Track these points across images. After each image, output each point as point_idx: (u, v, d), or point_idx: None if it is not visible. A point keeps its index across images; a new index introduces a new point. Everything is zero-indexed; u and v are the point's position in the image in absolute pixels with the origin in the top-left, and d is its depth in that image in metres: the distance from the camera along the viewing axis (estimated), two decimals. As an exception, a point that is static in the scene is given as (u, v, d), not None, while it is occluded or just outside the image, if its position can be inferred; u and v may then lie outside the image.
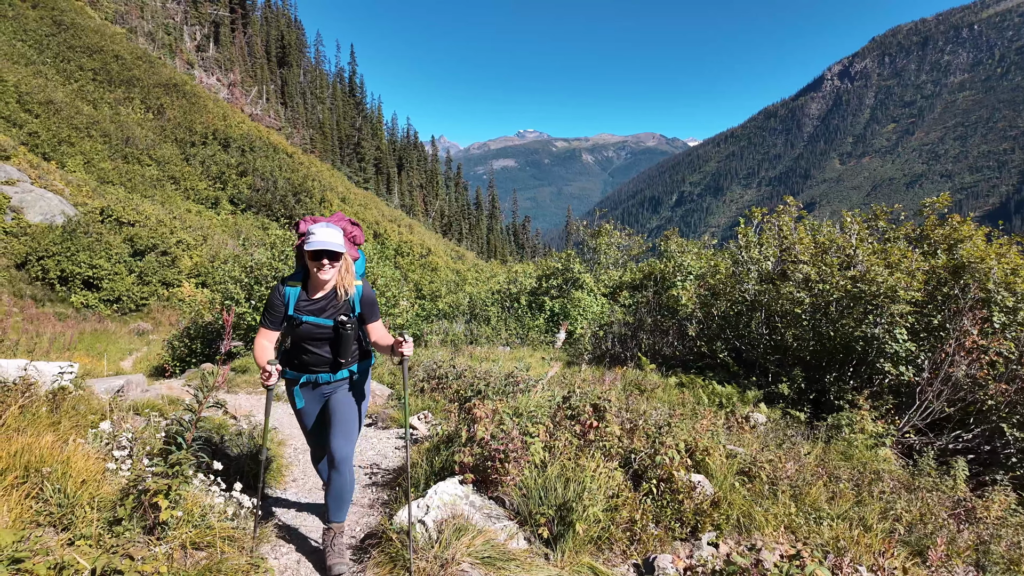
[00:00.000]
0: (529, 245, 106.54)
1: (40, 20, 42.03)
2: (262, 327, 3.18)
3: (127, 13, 57.58)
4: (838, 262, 7.98)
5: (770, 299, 8.41)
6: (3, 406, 3.67)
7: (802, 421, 6.95)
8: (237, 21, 73.36)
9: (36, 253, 19.44)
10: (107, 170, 33.44)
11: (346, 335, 3.16)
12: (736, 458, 4.83)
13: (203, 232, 28.37)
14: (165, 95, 46.06)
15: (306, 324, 3.15)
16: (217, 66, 66.99)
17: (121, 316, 20.08)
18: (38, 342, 12.09)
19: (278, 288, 3.17)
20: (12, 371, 5.30)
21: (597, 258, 17.96)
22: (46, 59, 39.59)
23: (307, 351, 3.22)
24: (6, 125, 29.22)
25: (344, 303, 3.21)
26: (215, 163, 42.70)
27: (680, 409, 5.80)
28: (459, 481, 3.70)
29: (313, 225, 3.07)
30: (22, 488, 2.83)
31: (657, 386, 7.72)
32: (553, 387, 6.33)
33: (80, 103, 37.38)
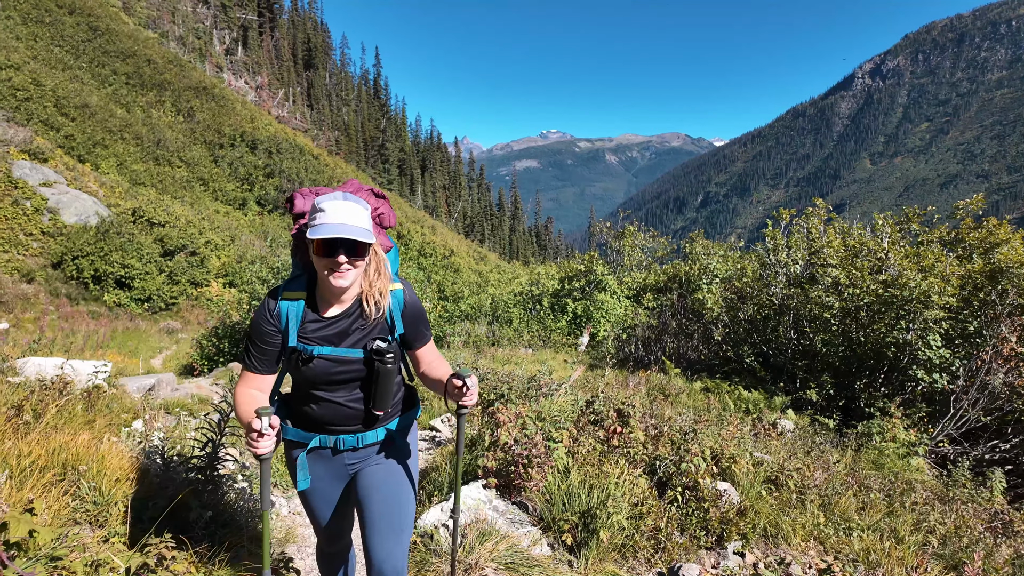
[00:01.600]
0: (551, 246, 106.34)
1: (77, 26, 43.19)
2: (245, 371, 2.05)
3: (159, 18, 58.90)
4: (869, 266, 7.82)
5: (798, 303, 8.27)
6: (42, 405, 3.77)
7: (831, 428, 6.81)
8: (265, 25, 74.61)
9: (71, 253, 19.97)
10: (139, 172, 34.24)
11: (385, 371, 2.01)
12: (763, 466, 4.76)
13: (231, 232, 28.88)
14: (195, 98, 47.00)
15: (320, 359, 2.00)
16: (245, 69, 68.17)
17: (151, 315, 20.53)
18: (73, 340, 12.41)
19: (266, 306, 2.01)
20: (50, 369, 5.47)
21: (620, 260, 17.84)
22: (82, 64, 40.69)
23: (321, 400, 2.07)
24: (44, 128, 30.09)
25: (377, 321, 2.07)
26: (243, 165, 43.44)
27: (706, 415, 5.74)
28: (483, 485, 3.70)
29: (320, 198, 1.91)
30: (59, 485, 2.90)
31: (682, 391, 7.64)
32: (576, 391, 6.31)
33: (114, 106, 38.34)
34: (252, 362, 2.03)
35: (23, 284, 18.18)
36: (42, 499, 2.62)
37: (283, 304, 2.01)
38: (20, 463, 2.86)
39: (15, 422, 3.42)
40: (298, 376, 2.05)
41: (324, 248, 1.88)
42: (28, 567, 1.93)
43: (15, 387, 4.35)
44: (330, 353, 2.01)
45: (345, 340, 2.03)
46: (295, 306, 2.01)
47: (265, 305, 2.02)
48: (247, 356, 2.03)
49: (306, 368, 2.00)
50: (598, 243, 20.69)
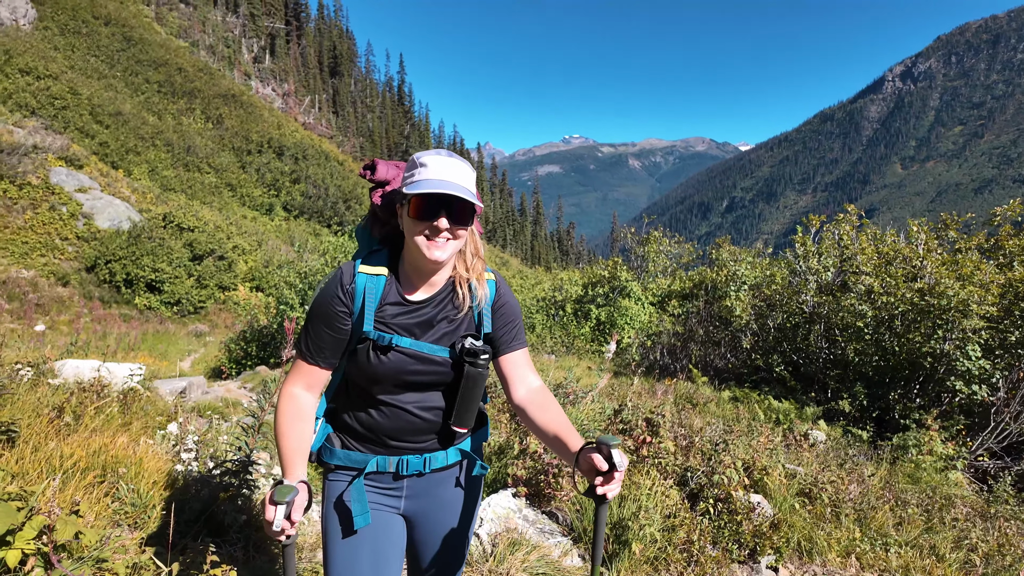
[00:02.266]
0: (574, 251, 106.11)
1: (111, 36, 44.43)
2: (299, 362, 1.66)
3: (190, 28, 60.31)
4: (903, 273, 7.64)
5: (830, 311, 8.12)
6: (81, 407, 3.85)
7: (864, 440, 6.66)
8: (292, 33, 75.94)
9: (104, 257, 20.48)
10: (169, 177, 35.02)
11: (476, 376, 1.64)
12: (796, 478, 4.67)
13: (258, 237, 29.37)
14: (224, 105, 47.98)
15: (396, 352, 1.61)
16: (272, 77, 69.40)
17: (180, 318, 20.94)
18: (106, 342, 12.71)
19: (339, 280, 1.62)
20: (87, 371, 5.60)
21: (645, 266, 17.71)
22: (116, 73, 41.82)
23: (383, 406, 1.65)
24: (80, 136, 30.96)
25: (468, 314, 1.70)
26: (270, 171, 44.18)
27: (736, 425, 5.65)
28: (512, 494, 3.69)
29: (421, 153, 1.59)
30: (100, 487, 2.96)
31: (710, 400, 7.54)
32: (603, 399, 6.26)
33: (146, 114, 39.32)
34: (310, 350, 1.62)
35: (59, 287, 18.68)
36: (85, 500, 2.67)
37: (360, 278, 1.61)
38: (63, 464, 2.93)
39: (56, 424, 3.50)
40: (361, 372, 1.62)
41: (423, 208, 1.51)
42: (76, 569, 1.97)
43: (55, 389, 4.45)
44: (409, 346, 1.60)
45: (428, 333, 1.63)
46: (375, 282, 1.62)
47: (338, 278, 1.61)
48: (304, 342, 1.63)
49: (380, 363, 1.59)
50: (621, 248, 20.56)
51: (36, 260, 19.23)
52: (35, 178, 21.30)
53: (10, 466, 2.79)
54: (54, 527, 1.97)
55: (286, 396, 1.63)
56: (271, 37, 72.38)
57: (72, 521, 2.05)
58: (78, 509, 2.16)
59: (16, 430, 2.94)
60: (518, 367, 1.74)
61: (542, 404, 1.69)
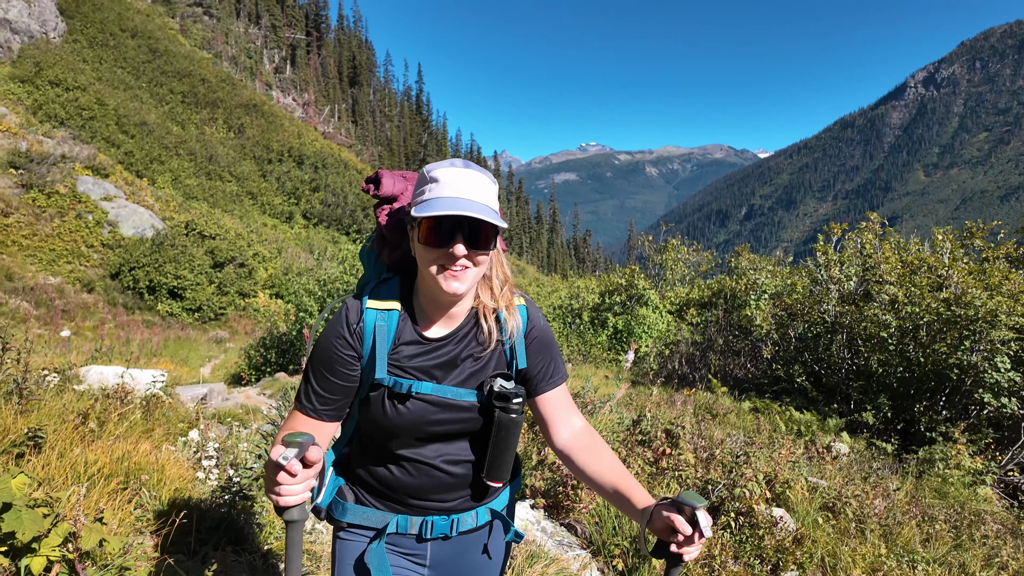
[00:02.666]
0: (590, 259, 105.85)
1: (138, 48, 45.39)
2: (296, 414, 1.40)
3: (213, 39, 61.44)
4: (928, 283, 7.50)
5: (852, 321, 7.99)
6: (105, 413, 3.91)
7: (889, 453, 6.53)
8: (312, 44, 77.05)
9: (128, 264, 20.85)
10: (192, 186, 35.61)
11: (509, 424, 1.38)
12: (819, 491, 4.59)
13: (278, 245, 29.72)
14: (245, 115, 48.73)
15: (417, 400, 1.37)
16: (293, 86, 70.41)
17: (201, 324, 21.22)
18: (129, 348, 12.91)
19: (345, 317, 1.39)
20: (111, 377, 5.69)
21: (663, 274, 17.60)
22: (142, 84, 42.72)
23: (404, 461, 1.43)
24: (106, 146, 31.63)
25: (498, 349, 1.45)
26: (290, 179, 44.73)
27: (756, 437, 5.57)
28: (531, 505, 3.66)
29: (432, 165, 1.33)
30: (123, 494, 2.99)
31: (730, 411, 7.44)
32: (621, 409, 6.21)
33: (170, 124, 40.08)
34: (311, 402, 1.36)
35: (84, 294, 19.04)
36: (109, 508, 2.70)
37: (370, 316, 1.36)
38: (88, 471, 2.97)
39: (82, 430, 3.55)
40: (375, 426, 1.39)
41: (436, 233, 1.26)
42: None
43: (80, 395, 4.53)
44: (431, 393, 1.35)
45: (452, 374, 1.39)
46: (387, 319, 1.37)
47: (343, 317, 1.37)
48: (305, 392, 1.37)
49: (395, 412, 1.35)
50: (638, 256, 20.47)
51: (63, 267, 19.65)
52: (63, 187, 21.79)
53: (37, 472, 2.83)
54: (79, 534, 1.99)
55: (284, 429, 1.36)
56: (292, 48, 73.49)
57: (96, 528, 2.07)
58: (102, 516, 2.18)
59: (43, 436, 2.99)
60: (558, 407, 1.51)
61: (592, 450, 1.47)
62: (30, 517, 1.84)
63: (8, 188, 20.47)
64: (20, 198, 20.48)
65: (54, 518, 2.05)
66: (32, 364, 4.83)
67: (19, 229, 19.50)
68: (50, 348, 8.57)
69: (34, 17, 35.68)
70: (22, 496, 1.88)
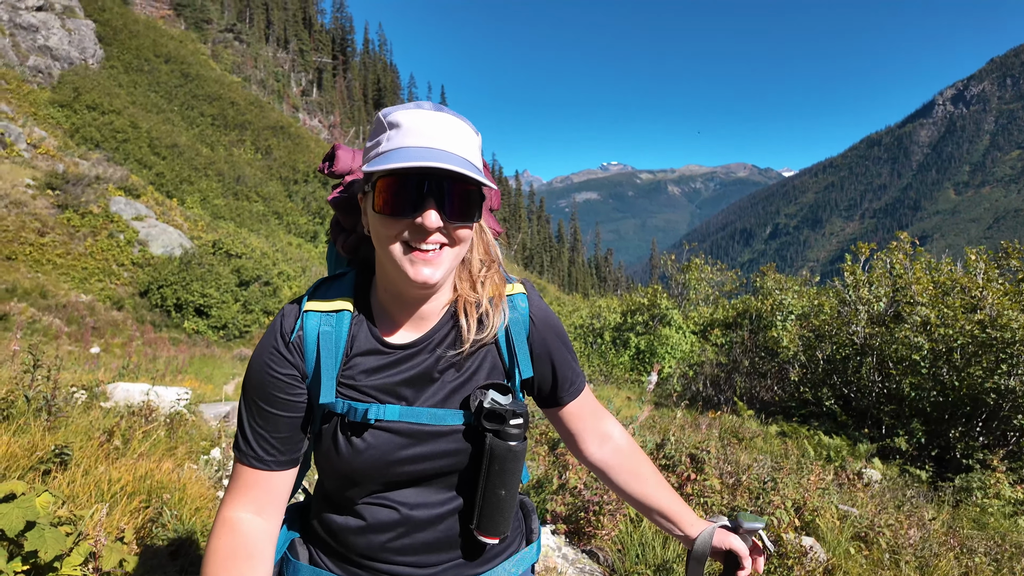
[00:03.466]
0: (612, 278, 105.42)
1: (171, 73, 46.87)
2: (238, 466, 1.02)
3: (243, 63, 63.21)
4: (962, 304, 7.29)
5: (882, 343, 7.79)
6: (130, 431, 3.95)
7: (924, 481, 6.30)
8: (338, 67, 78.86)
9: (157, 282, 21.29)
10: (220, 206, 36.41)
11: (505, 453, 1.01)
12: (850, 520, 4.44)
13: (302, 264, 30.13)
14: (272, 137, 49.85)
15: (379, 430, 1.00)
16: (319, 109, 71.97)
17: (226, 342, 21.51)
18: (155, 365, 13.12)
19: (277, 329, 1.03)
20: (137, 395, 5.76)
21: (686, 293, 17.42)
22: (174, 107, 44.03)
23: (374, 509, 1.05)
24: (138, 167, 32.57)
25: (489, 352, 1.09)
26: (315, 199, 45.49)
27: (784, 462, 5.42)
28: (551, 531, 3.59)
29: (390, 108, 0.95)
30: (145, 512, 3.00)
31: (757, 435, 7.27)
32: (644, 432, 6.10)
33: (200, 145, 41.16)
34: (252, 448, 1.01)
35: (114, 311, 19.47)
36: (130, 527, 2.71)
37: (310, 320, 1.02)
38: (111, 488, 2.98)
39: (107, 447, 3.59)
40: (331, 465, 1.03)
41: (398, 196, 0.91)
42: (117, 599, 1.98)
43: (106, 412, 4.59)
44: (397, 419, 1.00)
45: (427, 391, 1.03)
46: (334, 324, 1.02)
47: (277, 324, 1.03)
48: (243, 434, 1.02)
49: (350, 449, 1.00)
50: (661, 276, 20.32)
51: (94, 285, 20.13)
52: (96, 207, 22.42)
53: (62, 489, 2.86)
54: (100, 554, 1.99)
55: (221, 527, 0.99)
56: (319, 71, 75.28)
57: (117, 548, 2.07)
58: (123, 536, 2.19)
59: (69, 453, 3.02)
60: (584, 417, 1.20)
61: (631, 468, 1.20)
62: (53, 536, 1.84)
63: (45, 209, 21.12)
64: (56, 218, 21.11)
65: (76, 536, 2.06)
66: (61, 381, 4.91)
67: (54, 248, 20.07)
68: (79, 365, 8.74)
69: (74, 44, 37.11)
70: (46, 514, 1.89)
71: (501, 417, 1.00)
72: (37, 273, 18.76)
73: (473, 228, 0.99)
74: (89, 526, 2.26)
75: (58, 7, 37.15)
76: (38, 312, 16.16)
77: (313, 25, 78.90)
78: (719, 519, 1.18)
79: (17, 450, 3.02)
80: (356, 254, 1.13)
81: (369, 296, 1.07)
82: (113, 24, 44.76)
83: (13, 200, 20.12)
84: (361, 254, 1.12)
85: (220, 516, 1.00)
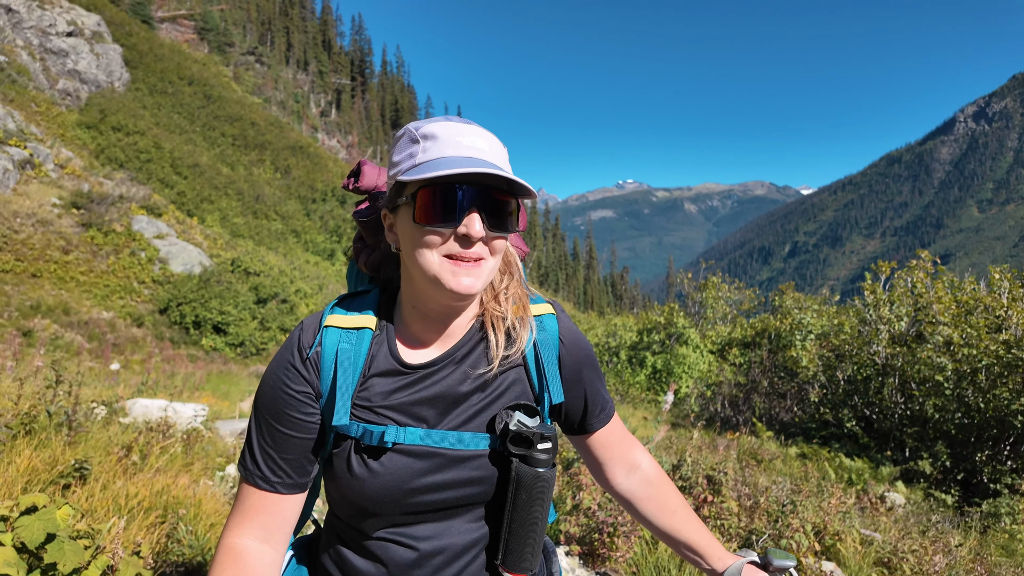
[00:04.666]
0: (627, 296, 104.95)
1: (194, 95, 48.01)
2: (244, 486, 0.97)
3: (263, 85, 64.59)
4: (986, 324, 7.15)
5: (904, 363, 7.65)
6: (148, 446, 3.99)
7: (949, 505, 6.13)
8: (357, 88, 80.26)
9: (176, 300, 21.59)
10: (239, 224, 36.98)
11: (533, 482, 0.94)
12: (872, 545, 4.33)
13: (319, 281, 30.41)
14: (292, 156, 50.70)
15: (397, 454, 0.94)
16: (338, 129, 73.14)
17: (243, 359, 21.69)
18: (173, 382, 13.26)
19: (294, 344, 0.98)
20: (155, 411, 5.83)
21: (703, 312, 17.27)
22: (196, 128, 45.02)
23: (389, 544, 0.98)
24: (160, 186, 33.27)
25: (518, 377, 1.02)
26: (332, 218, 46.05)
27: (804, 484, 5.32)
28: (565, 552, 3.55)
29: (422, 122, 0.94)
30: (161, 527, 3.02)
31: (776, 456, 7.14)
32: (660, 452, 6.03)
33: (220, 165, 41.97)
34: (260, 468, 0.96)
35: (134, 328, 19.75)
36: (146, 541, 2.73)
37: (330, 337, 0.98)
38: (128, 503, 3.01)
39: (125, 462, 3.63)
40: (343, 493, 0.97)
41: (442, 204, 0.88)
42: (132, 614, 1.99)
43: (125, 428, 4.65)
44: (418, 443, 0.95)
45: (451, 414, 0.98)
46: (354, 342, 0.98)
47: (295, 339, 0.99)
48: (251, 453, 0.97)
49: (365, 474, 0.94)
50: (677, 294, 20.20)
51: (116, 302, 20.47)
52: (119, 225, 22.88)
53: (81, 503, 2.89)
54: (117, 567, 2.01)
55: (225, 555, 0.94)
56: (337, 92, 76.67)
57: (133, 562, 2.08)
58: (139, 550, 2.20)
59: (88, 468, 3.06)
60: (613, 445, 1.15)
61: (662, 501, 1.14)
62: (72, 549, 1.86)
63: (70, 227, 21.60)
64: (80, 236, 21.58)
65: (94, 550, 2.07)
66: (82, 397, 4.99)
67: (77, 266, 20.48)
68: (100, 381, 8.87)
69: (101, 68, 38.21)
70: (66, 527, 1.91)
71: (528, 441, 0.94)
72: (61, 290, 19.13)
73: (509, 236, 0.96)
74: (107, 540, 2.28)
75: (88, 32, 38.34)
76: (61, 328, 16.45)
77: (332, 47, 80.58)
78: (748, 554, 1.14)
79: (39, 464, 3.07)
80: (379, 272, 1.10)
81: (393, 315, 1.04)
82: (139, 48, 46.07)
83: (40, 219, 20.61)
84: (384, 272, 1.09)
85: (224, 543, 0.95)
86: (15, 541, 1.76)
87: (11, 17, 32.50)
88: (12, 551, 1.67)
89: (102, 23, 40.85)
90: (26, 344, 13.66)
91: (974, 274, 9.16)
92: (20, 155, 22.46)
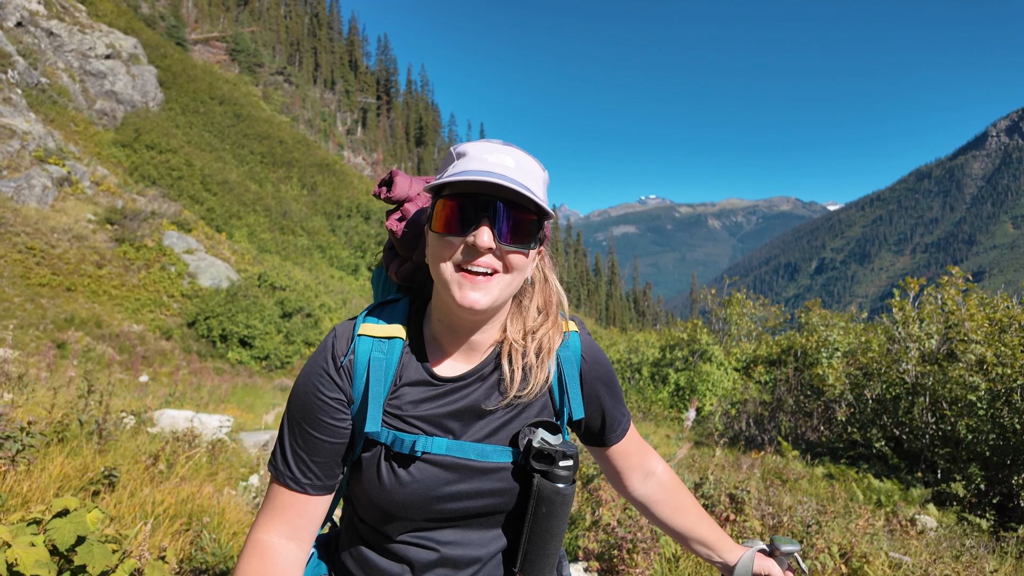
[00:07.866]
0: (650, 313, 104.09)
1: (224, 114, 49.34)
2: (275, 486, 1.01)
3: (291, 104, 66.10)
4: (1020, 342, 6.95)
5: (935, 382, 7.46)
6: (174, 456, 4.07)
7: (984, 530, 5.93)
8: (382, 107, 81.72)
9: (204, 313, 22.02)
10: (266, 240, 37.68)
11: (553, 497, 0.98)
12: (902, 569, 4.20)
13: (343, 296, 30.76)
14: (318, 173, 51.65)
15: (425, 463, 0.99)
16: (363, 147, 74.39)
17: (268, 372, 21.98)
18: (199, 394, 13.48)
19: (328, 351, 1.01)
20: (181, 422, 5.94)
21: (727, 329, 17.06)
22: (226, 145, 46.19)
23: (412, 548, 1.02)
24: (191, 203, 34.13)
25: (542, 394, 1.07)
26: (357, 233, 46.68)
27: (830, 505, 5.19)
28: (584, 568, 3.52)
29: (464, 143, 1.00)
30: (186, 535, 3.08)
31: (801, 476, 6.99)
32: (682, 470, 5.95)
33: (249, 182, 42.92)
34: (291, 470, 1.00)
35: (162, 341, 20.17)
36: (172, 548, 2.78)
37: (363, 345, 1.01)
38: (154, 510, 3.08)
39: (152, 471, 3.70)
40: (368, 501, 1.02)
41: (454, 213, 0.93)
42: (157, 617, 2.03)
43: (152, 437, 4.75)
44: (445, 452, 0.99)
45: (476, 426, 1.02)
46: (386, 351, 1.01)
47: (328, 345, 1.02)
48: (281, 454, 1.01)
49: (394, 481, 0.98)
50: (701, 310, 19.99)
51: (145, 316, 20.95)
52: (150, 241, 23.49)
53: (109, 509, 2.96)
54: (143, 571, 2.05)
55: (253, 550, 0.97)
56: (363, 111, 78.14)
57: (159, 567, 2.13)
58: (165, 555, 2.25)
59: (117, 475, 3.13)
60: (629, 455, 1.20)
61: (675, 504, 1.21)
62: (101, 551, 1.91)
63: (104, 242, 22.24)
64: (113, 251, 22.19)
65: (122, 554, 2.13)
66: (112, 407, 5.11)
67: (110, 280, 21.03)
68: (129, 392, 9.08)
69: (137, 89, 39.51)
70: (95, 531, 1.97)
71: (551, 458, 0.98)
72: (94, 304, 19.65)
73: (529, 258, 0.99)
74: (134, 544, 2.33)
75: (124, 55, 39.73)
76: (93, 341, 16.87)
77: (359, 67, 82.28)
78: (756, 543, 1.21)
79: (70, 471, 3.16)
80: (411, 281, 1.12)
81: (422, 325, 1.07)
82: (173, 69, 47.54)
83: (75, 234, 21.26)
84: (416, 282, 1.12)
85: (252, 538, 0.99)
86: (47, 543, 1.82)
87: (53, 40, 33.85)
88: (45, 551, 1.73)
89: (138, 46, 42.32)
90: (60, 355, 14.04)
91: (1009, 291, 8.92)
92: (59, 173, 23.27)
